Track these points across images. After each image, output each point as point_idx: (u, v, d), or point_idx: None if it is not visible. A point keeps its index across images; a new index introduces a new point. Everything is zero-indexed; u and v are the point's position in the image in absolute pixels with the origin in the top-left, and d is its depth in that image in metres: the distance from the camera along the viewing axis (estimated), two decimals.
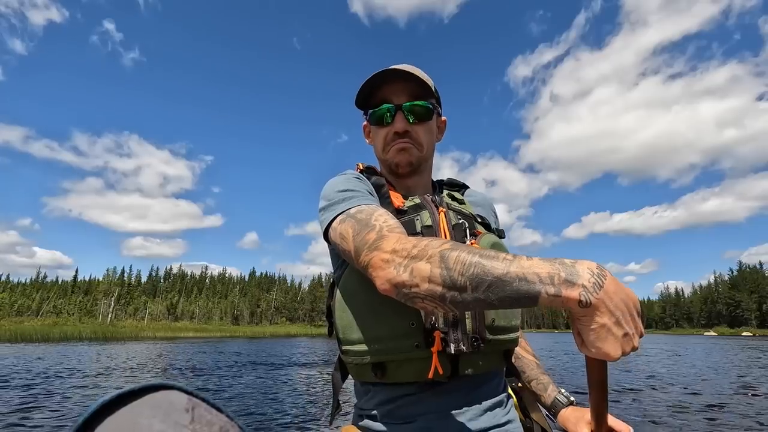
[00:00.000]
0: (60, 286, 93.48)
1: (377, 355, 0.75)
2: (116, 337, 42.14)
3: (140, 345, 26.59)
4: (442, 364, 0.72)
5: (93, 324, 60.83)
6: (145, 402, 0.32)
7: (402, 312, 0.73)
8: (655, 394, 6.60)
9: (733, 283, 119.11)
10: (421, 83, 0.87)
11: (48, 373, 9.39)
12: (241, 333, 64.86)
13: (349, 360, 0.81)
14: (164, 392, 0.34)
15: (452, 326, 0.73)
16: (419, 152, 0.90)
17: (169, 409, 0.32)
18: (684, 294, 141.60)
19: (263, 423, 4.71)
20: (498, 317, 0.77)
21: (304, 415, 5.10)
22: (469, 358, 0.75)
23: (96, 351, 18.83)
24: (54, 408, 5.46)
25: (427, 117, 0.89)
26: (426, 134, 0.90)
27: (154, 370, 10.43)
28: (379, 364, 0.76)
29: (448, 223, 0.82)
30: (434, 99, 0.92)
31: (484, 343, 0.74)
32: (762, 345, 30.14)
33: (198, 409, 0.34)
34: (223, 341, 36.01)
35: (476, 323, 0.75)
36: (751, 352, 19.17)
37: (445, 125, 1.01)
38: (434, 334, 0.72)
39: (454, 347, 0.72)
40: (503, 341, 0.79)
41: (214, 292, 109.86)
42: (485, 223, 0.91)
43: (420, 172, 0.93)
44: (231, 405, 5.80)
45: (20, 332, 37.88)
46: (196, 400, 0.35)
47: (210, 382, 8.17)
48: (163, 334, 52.61)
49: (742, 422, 4.71)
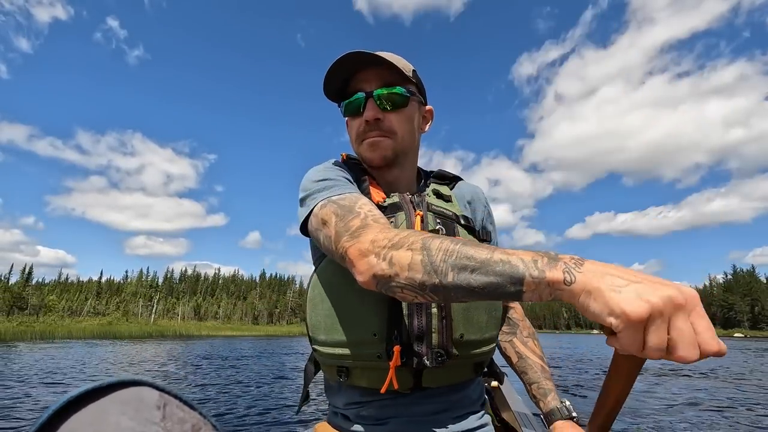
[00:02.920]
0: (86, 286, 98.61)
1: (341, 359, 0.75)
2: (173, 336, 48.49)
3: (203, 342, 30.93)
4: (404, 378, 0.72)
5: (140, 324, 67.13)
6: (114, 398, 0.31)
7: (366, 321, 0.72)
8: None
9: (727, 286, 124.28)
10: (394, 69, 0.80)
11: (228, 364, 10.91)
12: (272, 332, 72.55)
13: (318, 358, 0.81)
14: (135, 388, 0.33)
15: (417, 339, 0.71)
16: (393, 142, 0.83)
17: (140, 405, 0.32)
18: None
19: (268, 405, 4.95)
20: (468, 331, 0.74)
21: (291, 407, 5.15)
22: (433, 373, 0.73)
23: (187, 347, 21.56)
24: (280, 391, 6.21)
25: (401, 104, 0.83)
26: (401, 122, 0.84)
27: (249, 359, 12.25)
28: (344, 368, 0.76)
29: (424, 228, 0.79)
30: (413, 85, 0.86)
31: (449, 358, 0.72)
32: (747, 345, 32.47)
33: (170, 406, 0.33)
34: (259, 339, 42.06)
35: (443, 337, 0.72)
36: (734, 353, 20.14)
37: (431, 115, 0.94)
38: (394, 349, 0.69)
39: (417, 361, 0.71)
40: (473, 355, 0.76)
41: (228, 293, 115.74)
42: (469, 226, 0.86)
43: (400, 164, 0.88)
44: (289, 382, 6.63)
45: (83, 331, 43.92)
46: (167, 397, 0.34)
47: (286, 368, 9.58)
48: (207, 333, 59.50)
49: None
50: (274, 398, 5.63)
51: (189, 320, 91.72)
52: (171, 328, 59.92)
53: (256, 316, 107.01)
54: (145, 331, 51.41)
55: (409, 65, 0.86)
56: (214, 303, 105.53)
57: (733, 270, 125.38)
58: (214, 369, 9.60)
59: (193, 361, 12.06)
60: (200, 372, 8.97)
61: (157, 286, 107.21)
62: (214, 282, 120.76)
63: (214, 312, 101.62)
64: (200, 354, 15.23)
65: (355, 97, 0.83)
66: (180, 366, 10.42)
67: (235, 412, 4.68)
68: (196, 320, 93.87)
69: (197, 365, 10.61)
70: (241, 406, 5.06)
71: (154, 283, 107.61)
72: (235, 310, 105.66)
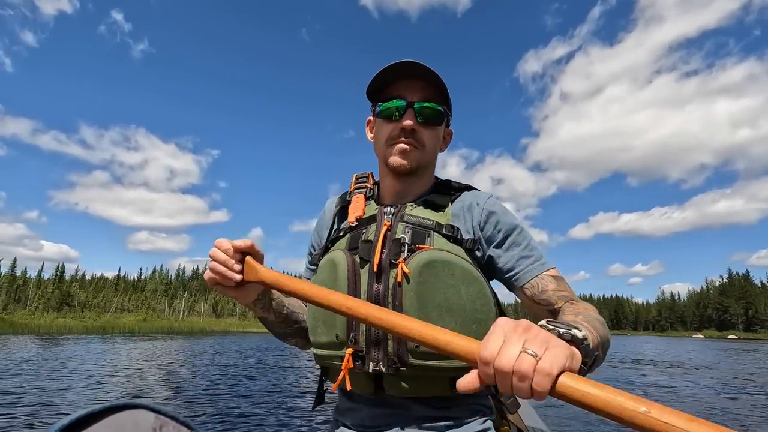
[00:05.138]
0: (108, 283, 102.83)
1: (320, 359, 0.85)
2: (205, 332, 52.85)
3: (235, 337, 33.84)
4: (361, 382, 0.77)
5: (170, 321, 71.96)
6: (109, 423, 0.31)
7: (333, 325, 0.79)
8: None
9: (722, 289, 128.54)
10: (437, 86, 0.85)
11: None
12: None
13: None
14: (129, 412, 0.33)
15: (374, 345, 0.75)
16: (421, 155, 0.87)
17: (135, 429, 0.32)
18: (681, 298, 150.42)
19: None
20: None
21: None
22: (393, 381, 0.75)
23: (228, 342, 23.81)
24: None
25: (437, 121, 0.87)
26: (431, 138, 0.88)
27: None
28: (324, 368, 0.87)
29: (387, 238, 0.81)
30: (447, 107, 0.90)
31: (405, 367, 0.73)
32: (733, 347, 34.08)
33: (166, 427, 0.34)
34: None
35: (397, 345, 0.73)
36: (718, 353, 21.91)
37: (450, 137, 0.99)
38: (346, 351, 0.74)
39: (372, 366, 0.74)
40: (435, 368, 0.73)
41: None
42: (452, 235, 0.82)
43: (417, 176, 0.91)
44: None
45: (121, 326, 47.85)
46: (164, 419, 0.34)
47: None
48: (234, 329, 64.61)
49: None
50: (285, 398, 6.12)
51: (208, 317, 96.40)
52: (199, 324, 64.70)
53: None
54: (179, 327, 56.19)
55: (446, 85, 0.88)
56: (231, 301, 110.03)
57: (729, 274, 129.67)
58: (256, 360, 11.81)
59: (246, 352, 14.69)
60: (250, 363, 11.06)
61: (170, 283, 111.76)
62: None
63: (230, 309, 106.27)
64: (244, 347, 17.80)
65: (396, 103, 0.85)
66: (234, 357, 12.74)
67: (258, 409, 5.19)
68: (214, 317, 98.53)
69: (251, 356, 12.86)
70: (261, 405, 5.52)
71: (168, 281, 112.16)
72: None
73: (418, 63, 0.82)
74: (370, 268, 0.79)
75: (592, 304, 0.74)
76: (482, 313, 0.77)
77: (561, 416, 5.21)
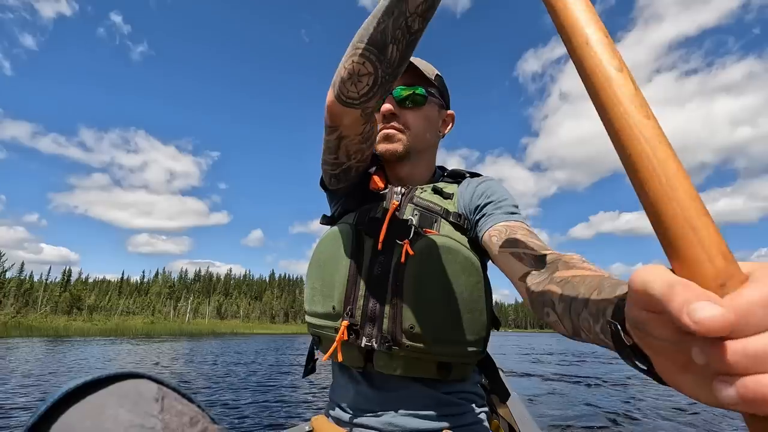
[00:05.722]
0: (111, 286, 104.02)
1: (315, 329, 0.85)
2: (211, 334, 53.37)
3: (240, 339, 33.57)
4: (352, 355, 0.77)
5: (177, 323, 73.28)
6: (113, 391, 0.32)
7: (331, 296, 0.78)
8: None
9: None
10: (416, 71, 0.87)
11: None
12: (295, 330, 78.83)
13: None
14: (133, 381, 0.34)
15: (369, 321, 0.75)
16: (406, 137, 0.88)
17: (138, 398, 0.32)
18: None
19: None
20: (419, 324, 0.73)
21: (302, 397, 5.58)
22: (384, 358, 0.75)
23: (249, 343, 23.76)
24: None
25: (417, 102, 0.88)
26: (417, 119, 0.88)
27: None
28: (317, 337, 0.86)
29: (393, 218, 0.81)
30: (435, 88, 0.92)
31: (398, 346, 0.73)
32: None
33: (168, 398, 0.34)
34: (285, 336, 46.47)
35: (392, 324, 0.74)
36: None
37: (452, 119, 0.98)
38: (342, 323, 0.75)
39: (366, 341, 0.75)
40: (426, 351, 0.74)
41: (240, 293, 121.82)
42: (457, 223, 0.84)
43: (413, 161, 0.91)
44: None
45: (132, 329, 48.54)
46: (166, 390, 0.35)
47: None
48: (240, 330, 65.96)
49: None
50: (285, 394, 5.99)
51: (212, 319, 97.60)
52: (206, 327, 65.99)
53: (273, 315, 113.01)
54: (187, 329, 57.51)
55: (433, 69, 0.92)
56: (234, 303, 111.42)
57: None
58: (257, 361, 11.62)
59: (253, 353, 15.12)
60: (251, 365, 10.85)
61: (173, 286, 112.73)
62: (227, 282, 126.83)
63: (233, 311, 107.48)
64: (250, 349, 17.90)
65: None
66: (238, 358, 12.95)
67: (239, 405, 5.06)
68: (218, 319, 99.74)
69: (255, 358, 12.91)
70: (248, 399, 5.46)
71: (172, 283, 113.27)
72: (253, 309, 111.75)
73: None
74: (374, 245, 0.79)
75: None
76: (478, 304, 0.78)
77: (549, 409, 5.01)
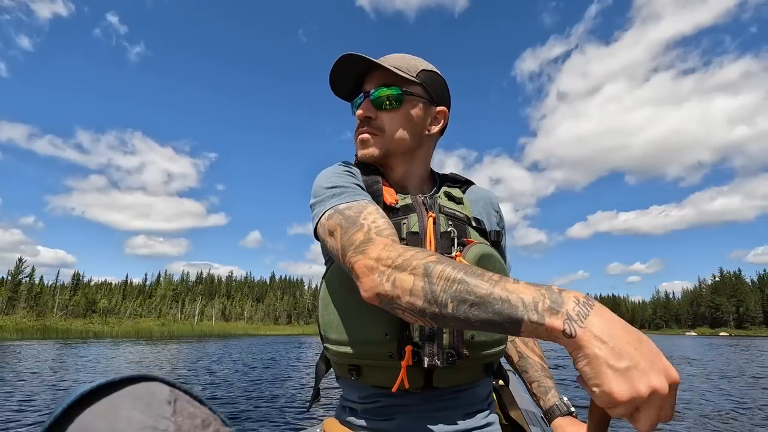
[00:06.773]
0: (116, 288, 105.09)
1: (353, 358, 0.76)
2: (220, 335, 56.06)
3: (248, 339, 34.91)
4: (414, 377, 0.72)
5: (186, 325, 74.81)
6: (126, 393, 0.32)
7: (378, 320, 0.72)
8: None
9: (714, 287, 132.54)
10: (393, 72, 0.82)
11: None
12: (300, 331, 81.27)
13: (330, 356, 0.82)
14: (146, 383, 0.34)
15: (428, 340, 0.72)
16: (383, 141, 0.85)
17: (151, 400, 0.33)
18: (675, 297, 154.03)
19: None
20: (478, 333, 0.74)
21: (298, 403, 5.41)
22: (444, 373, 0.74)
23: (264, 344, 24.54)
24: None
25: (392, 103, 0.84)
26: (393, 121, 0.85)
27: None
28: (356, 367, 0.77)
29: (436, 230, 0.79)
30: (417, 86, 0.86)
31: (460, 358, 0.72)
32: (722, 343, 34.39)
33: (180, 401, 0.34)
34: (291, 337, 47.97)
35: (454, 338, 0.73)
36: (705, 348, 21.80)
37: (443, 116, 0.92)
38: (405, 348, 0.70)
39: (428, 361, 0.71)
40: (483, 356, 0.76)
41: (242, 294, 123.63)
42: (480, 228, 0.86)
43: (406, 162, 0.89)
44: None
45: (146, 331, 50.53)
46: (178, 392, 0.35)
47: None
48: (251, 332, 67.59)
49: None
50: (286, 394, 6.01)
51: (217, 321, 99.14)
52: (214, 328, 67.61)
53: (276, 317, 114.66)
54: (202, 331, 58.91)
55: (416, 66, 0.87)
56: (238, 305, 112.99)
57: (720, 272, 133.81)
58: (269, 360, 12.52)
59: (277, 352, 16.36)
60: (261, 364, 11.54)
61: (176, 288, 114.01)
62: (228, 284, 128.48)
63: (237, 313, 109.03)
64: (265, 349, 18.67)
65: (358, 98, 0.88)
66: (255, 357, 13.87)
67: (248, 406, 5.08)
68: (223, 321, 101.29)
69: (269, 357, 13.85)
70: (259, 400, 5.45)
71: (176, 286, 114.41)
72: (257, 311, 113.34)
73: (352, 54, 0.80)
74: None
75: None
76: None
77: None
